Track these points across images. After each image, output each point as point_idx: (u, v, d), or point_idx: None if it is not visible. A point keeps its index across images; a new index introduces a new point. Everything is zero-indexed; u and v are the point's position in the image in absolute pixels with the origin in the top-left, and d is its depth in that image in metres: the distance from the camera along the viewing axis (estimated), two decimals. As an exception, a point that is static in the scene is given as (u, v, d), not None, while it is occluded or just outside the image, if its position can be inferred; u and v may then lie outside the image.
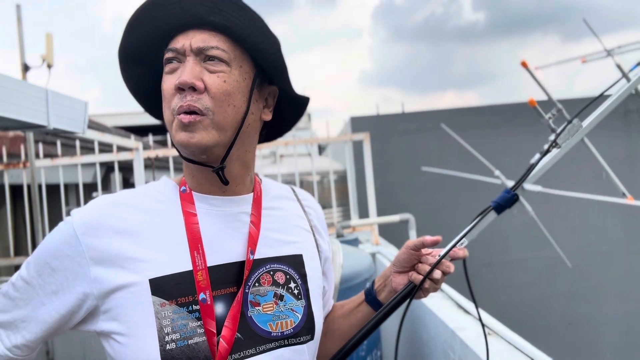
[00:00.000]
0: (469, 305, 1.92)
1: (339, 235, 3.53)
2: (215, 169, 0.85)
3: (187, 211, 0.86)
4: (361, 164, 4.27)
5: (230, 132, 0.84)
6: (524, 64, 1.19)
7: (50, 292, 0.80)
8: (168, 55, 0.85)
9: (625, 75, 1.15)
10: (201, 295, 0.80)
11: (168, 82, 0.83)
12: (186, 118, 0.80)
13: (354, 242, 3.37)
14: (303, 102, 0.99)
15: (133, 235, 0.81)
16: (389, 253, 3.31)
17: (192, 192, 0.88)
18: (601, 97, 1.15)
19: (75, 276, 0.79)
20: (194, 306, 0.80)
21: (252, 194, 0.93)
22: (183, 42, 0.83)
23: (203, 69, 0.82)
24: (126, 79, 0.93)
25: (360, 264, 2.36)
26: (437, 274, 1.00)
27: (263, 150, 4.86)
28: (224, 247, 0.85)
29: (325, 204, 4.70)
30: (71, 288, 0.79)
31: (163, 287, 0.79)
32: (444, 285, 2.22)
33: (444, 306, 1.97)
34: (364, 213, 4.76)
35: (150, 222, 0.83)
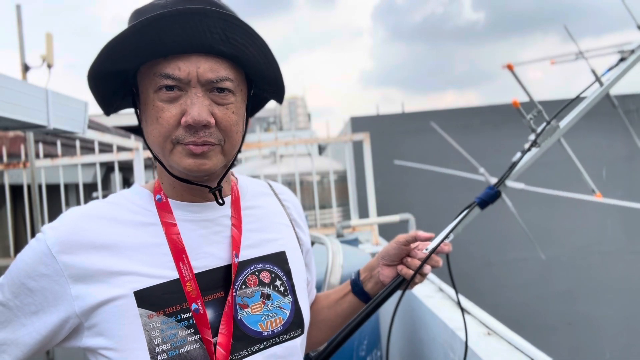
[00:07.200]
0: (469, 304, 1.92)
1: (339, 235, 3.52)
2: (213, 190, 0.84)
3: (166, 222, 0.84)
4: (361, 164, 4.27)
5: (234, 153, 0.84)
6: (509, 67, 1.21)
7: (30, 313, 0.78)
8: (167, 82, 0.76)
9: (598, 80, 1.20)
10: (193, 306, 0.80)
11: (169, 113, 0.76)
12: (199, 149, 0.77)
13: (354, 242, 3.36)
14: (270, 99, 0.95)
15: (111, 248, 0.79)
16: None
17: (169, 199, 0.86)
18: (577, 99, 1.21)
19: (54, 295, 0.77)
20: (182, 315, 0.79)
21: (229, 196, 0.92)
22: (187, 69, 0.75)
23: (211, 102, 0.77)
24: (97, 94, 0.84)
25: (360, 264, 2.35)
26: (427, 269, 1.05)
27: (263, 150, 4.86)
28: (208, 252, 0.85)
29: (325, 204, 4.69)
30: (52, 307, 0.77)
31: (149, 299, 0.78)
32: (444, 285, 2.22)
33: (444, 306, 1.97)
34: (364, 213, 4.76)
35: (128, 233, 0.81)
